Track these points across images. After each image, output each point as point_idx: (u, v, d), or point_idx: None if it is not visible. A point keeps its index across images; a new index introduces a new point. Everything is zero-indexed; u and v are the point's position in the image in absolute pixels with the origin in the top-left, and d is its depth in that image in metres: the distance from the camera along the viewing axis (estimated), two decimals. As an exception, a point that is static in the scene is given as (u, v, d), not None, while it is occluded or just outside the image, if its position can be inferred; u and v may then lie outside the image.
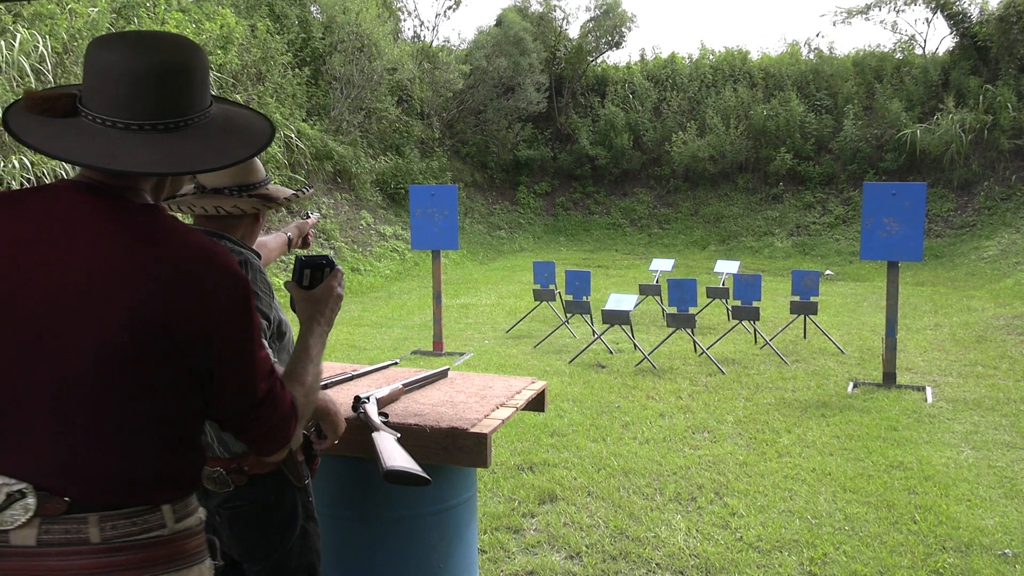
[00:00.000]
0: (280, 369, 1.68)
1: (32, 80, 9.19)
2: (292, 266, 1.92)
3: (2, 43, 9.07)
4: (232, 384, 1.45)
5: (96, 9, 10.82)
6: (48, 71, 9.55)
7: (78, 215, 1.37)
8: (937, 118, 18.49)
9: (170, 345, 1.36)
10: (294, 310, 1.86)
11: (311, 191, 2.34)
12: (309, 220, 2.90)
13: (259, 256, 2.23)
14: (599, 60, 24.45)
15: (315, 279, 1.86)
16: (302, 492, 2.20)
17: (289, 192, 2.26)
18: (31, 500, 1.34)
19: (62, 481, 1.35)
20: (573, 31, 24.18)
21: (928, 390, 6.92)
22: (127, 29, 11.19)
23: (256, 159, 2.17)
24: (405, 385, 2.83)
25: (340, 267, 1.91)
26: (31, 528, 1.34)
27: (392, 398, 2.70)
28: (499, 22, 22.28)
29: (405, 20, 22.19)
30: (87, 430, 1.36)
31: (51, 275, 1.34)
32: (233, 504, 2.10)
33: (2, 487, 1.33)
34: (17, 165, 8.33)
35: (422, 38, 22.25)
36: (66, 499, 1.35)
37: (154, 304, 1.34)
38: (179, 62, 1.40)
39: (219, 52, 13.41)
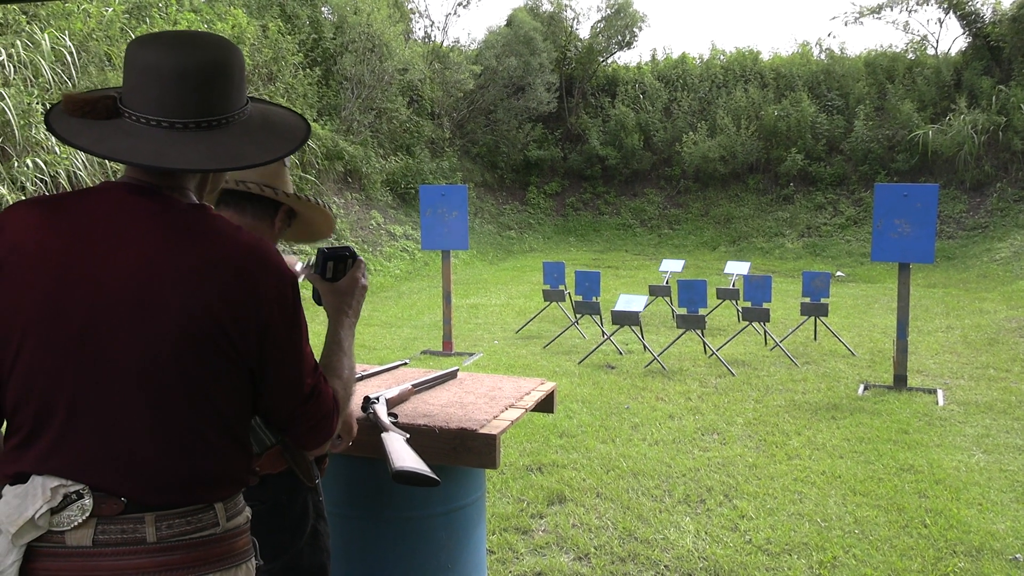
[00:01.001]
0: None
1: (49, 80, 9.25)
2: (314, 259, 1.92)
3: (19, 43, 9.12)
4: (282, 380, 1.48)
5: (111, 9, 10.87)
6: (63, 71, 9.60)
7: (127, 216, 1.38)
8: (949, 119, 18.39)
9: (224, 343, 1.38)
10: (317, 302, 1.86)
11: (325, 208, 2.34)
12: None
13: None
14: (610, 60, 24.43)
15: (338, 271, 1.86)
16: (313, 492, 2.19)
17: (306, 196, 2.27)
18: (88, 501, 1.34)
19: (118, 481, 1.36)
20: (584, 31, 24.19)
21: (939, 393, 6.89)
22: (158, 30, 11.28)
23: (287, 172, 2.22)
24: (415, 386, 2.84)
25: (362, 258, 1.91)
26: (87, 528, 1.34)
27: (401, 398, 2.71)
28: (509, 22, 22.28)
29: (416, 21, 22.22)
30: (143, 430, 1.36)
31: (101, 277, 1.34)
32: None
33: (59, 488, 1.33)
34: (31, 166, 8.38)
35: (432, 38, 22.28)
36: (123, 499, 1.36)
37: (207, 303, 1.35)
38: (219, 60, 1.41)
39: (231, 52, 13.45)
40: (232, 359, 1.40)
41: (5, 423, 1.42)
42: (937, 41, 28.55)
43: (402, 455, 2.21)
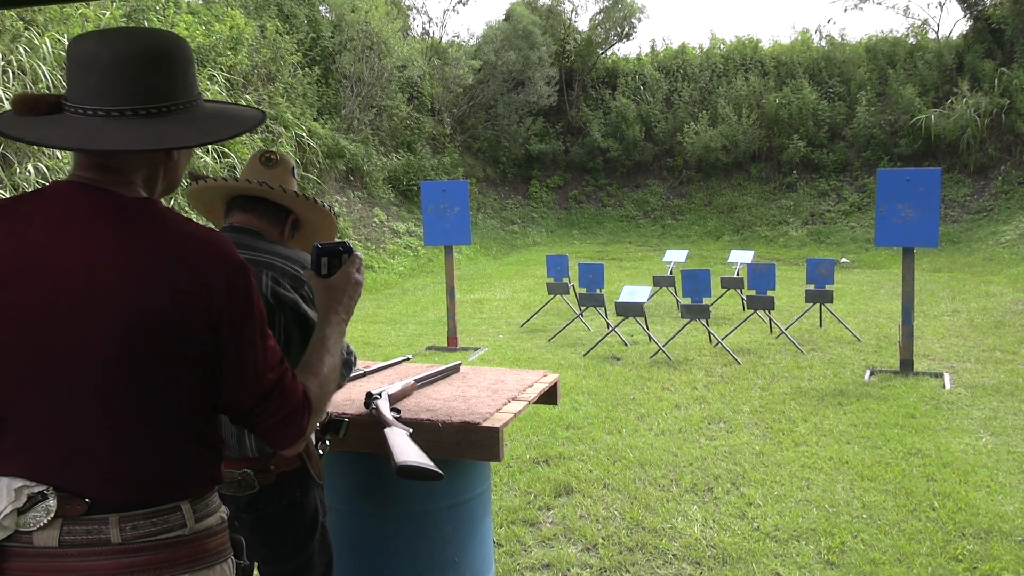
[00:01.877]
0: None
1: (49, 85, 9.26)
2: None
3: (20, 49, 9.13)
4: (238, 374, 1.44)
5: (108, 13, 10.88)
6: (63, 76, 9.61)
7: (71, 215, 1.38)
8: (952, 102, 18.32)
9: (174, 338, 1.35)
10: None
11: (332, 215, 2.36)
12: None
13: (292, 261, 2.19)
14: (609, 52, 24.37)
15: (333, 267, 1.80)
16: (320, 489, 2.22)
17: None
18: (52, 502, 1.35)
19: (80, 482, 1.36)
20: (582, 24, 24.22)
21: (946, 376, 6.87)
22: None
23: (296, 183, 2.24)
24: (417, 381, 2.84)
25: (359, 252, 1.84)
26: (53, 529, 1.35)
27: (404, 394, 2.71)
28: (508, 16, 22.24)
29: (414, 17, 22.22)
30: (97, 430, 1.36)
31: (46, 278, 1.34)
32: (258, 506, 2.09)
33: (23, 489, 1.34)
34: (33, 171, 8.39)
35: (431, 34, 22.27)
36: (86, 500, 1.36)
37: (153, 298, 1.33)
38: (156, 48, 1.40)
39: (229, 53, 13.46)
40: (183, 354, 1.37)
41: None
42: (938, 25, 28.46)
43: (405, 450, 2.22)
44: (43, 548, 1.35)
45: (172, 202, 9.32)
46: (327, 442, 2.28)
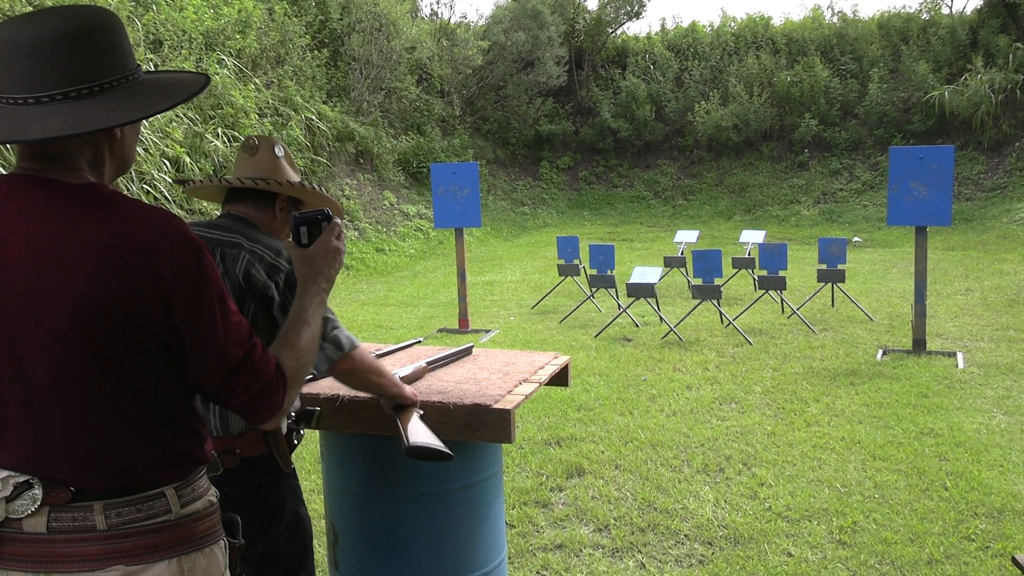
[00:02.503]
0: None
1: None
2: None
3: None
4: (201, 353, 1.41)
5: (114, -3, 10.87)
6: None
7: (17, 207, 1.36)
8: (966, 78, 18.13)
9: (127, 320, 1.34)
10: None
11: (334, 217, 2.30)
12: None
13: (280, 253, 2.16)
14: (619, 31, 24.20)
15: (313, 236, 1.73)
16: (291, 477, 2.19)
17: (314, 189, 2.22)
18: (37, 491, 1.37)
19: (61, 470, 1.38)
20: (592, 3, 24.04)
21: (959, 356, 6.84)
22: (135, 16, 11.25)
23: (291, 167, 2.19)
24: (429, 363, 2.84)
25: (337, 220, 1.77)
26: (41, 516, 1.38)
27: (416, 376, 2.71)
28: (517, -4, 22.12)
29: (422, -2, 22.09)
30: (67, 419, 1.37)
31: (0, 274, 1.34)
32: (221, 488, 2.07)
33: (8, 479, 1.37)
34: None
35: (440, 15, 22.17)
36: (71, 488, 1.38)
37: (101, 284, 1.32)
38: (78, 26, 1.36)
39: (238, 36, 13.44)
40: (138, 337, 1.36)
41: None
42: (952, 0, 28.06)
43: (416, 431, 2.22)
44: (33, 534, 1.38)
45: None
46: (301, 432, 2.26)
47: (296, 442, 2.25)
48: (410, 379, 2.67)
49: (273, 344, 1.57)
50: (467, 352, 3.09)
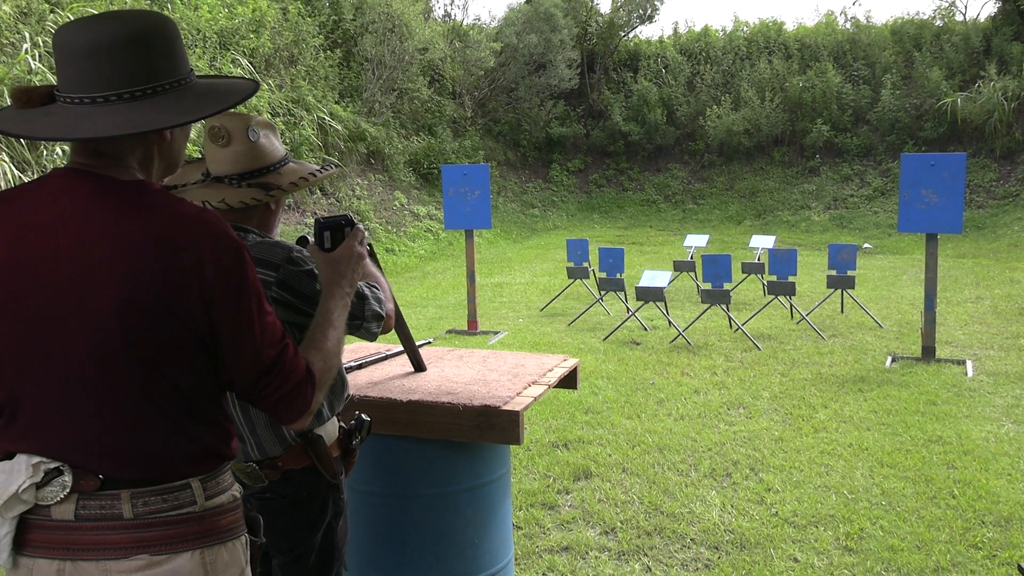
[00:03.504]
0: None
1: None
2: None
3: (47, 28, 9.21)
4: (237, 352, 1.45)
5: (130, -4, 10.94)
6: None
7: (66, 201, 1.40)
8: (979, 86, 18.06)
9: (169, 317, 1.38)
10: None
11: (332, 170, 2.22)
12: None
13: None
14: (631, 35, 24.20)
15: (336, 240, 1.77)
16: (335, 489, 2.17)
17: (306, 171, 2.09)
18: (67, 478, 1.40)
19: (91, 459, 1.41)
20: (604, 6, 24.08)
21: (968, 364, 6.82)
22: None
23: (274, 139, 2.08)
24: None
25: (360, 225, 1.82)
26: (70, 503, 1.40)
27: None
28: (529, -1, 22.15)
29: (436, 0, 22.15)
30: (101, 409, 1.40)
31: (44, 263, 1.37)
32: (264, 496, 2.09)
33: (40, 465, 1.39)
34: (61, 153, 8.48)
35: (452, 17, 22.20)
36: (100, 476, 1.41)
37: (145, 278, 1.36)
38: (136, 30, 1.40)
39: (252, 36, 13.50)
40: (179, 334, 1.39)
41: None
42: (965, 7, 28.00)
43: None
44: (61, 521, 1.40)
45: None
46: (354, 442, 2.21)
47: (351, 453, 2.20)
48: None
49: (300, 346, 1.61)
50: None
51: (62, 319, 1.37)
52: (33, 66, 8.89)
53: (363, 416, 2.24)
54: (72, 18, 9.70)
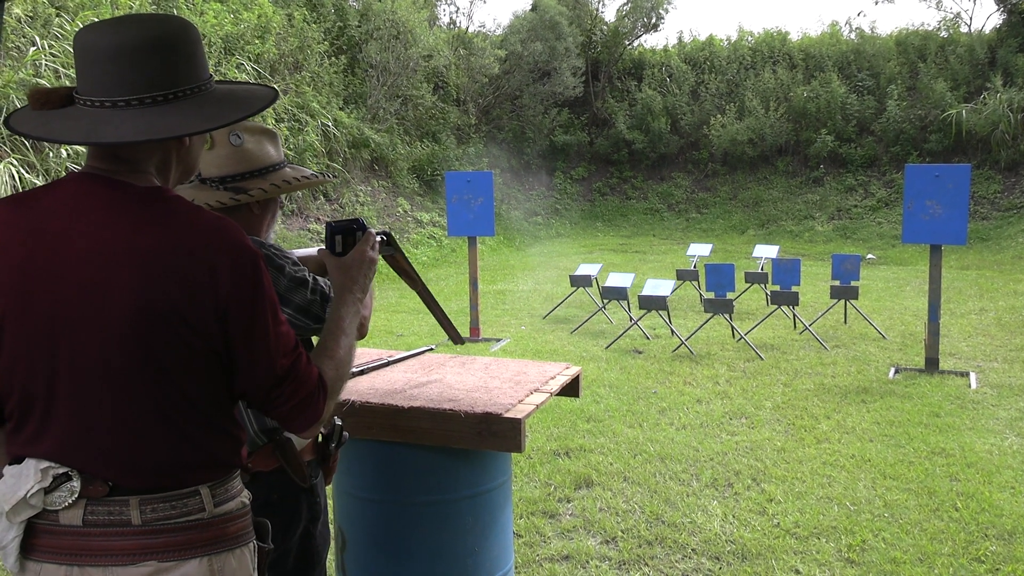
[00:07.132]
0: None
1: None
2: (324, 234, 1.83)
3: (53, 31, 9.23)
4: (251, 362, 1.44)
5: (137, 1, 10.97)
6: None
7: (82, 206, 1.39)
8: (984, 97, 18.05)
9: (183, 326, 1.37)
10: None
11: (319, 178, 2.17)
12: None
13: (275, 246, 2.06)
14: (636, 43, 24.22)
15: (347, 245, 1.77)
16: (308, 493, 2.14)
17: (289, 176, 2.07)
18: (76, 483, 1.39)
19: (100, 465, 1.40)
20: (609, 14, 24.11)
21: (972, 376, 6.80)
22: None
23: (267, 145, 2.06)
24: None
25: (372, 230, 1.80)
26: (77, 509, 1.39)
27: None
28: (534, 6, 22.16)
29: (441, 6, 22.19)
30: (114, 416, 1.39)
31: (59, 267, 1.37)
32: None
33: (48, 470, 1.38)
34: (65, 155, 8.50)
35: (457, 24, 22.24)
36: (108, 483, 1.40)
37: (161, 286, 1.35)
38: (158, 35, 1.39)
39: (257, 42, 13.53)
40: (193, 342, 1.39)
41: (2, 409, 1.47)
42: (970, 18, 28.06)
43: None
44: (68, 527, 1.39)
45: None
46: (332, 446, 2.18)
47: (328, 458, 2.18)
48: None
49: (312, 353, 1.60)
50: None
51: (75, 326, 1.36)
52: (40, 69, 8.91)
53: (336, 420, 2.21)
54: (80, 24, 9.73)
